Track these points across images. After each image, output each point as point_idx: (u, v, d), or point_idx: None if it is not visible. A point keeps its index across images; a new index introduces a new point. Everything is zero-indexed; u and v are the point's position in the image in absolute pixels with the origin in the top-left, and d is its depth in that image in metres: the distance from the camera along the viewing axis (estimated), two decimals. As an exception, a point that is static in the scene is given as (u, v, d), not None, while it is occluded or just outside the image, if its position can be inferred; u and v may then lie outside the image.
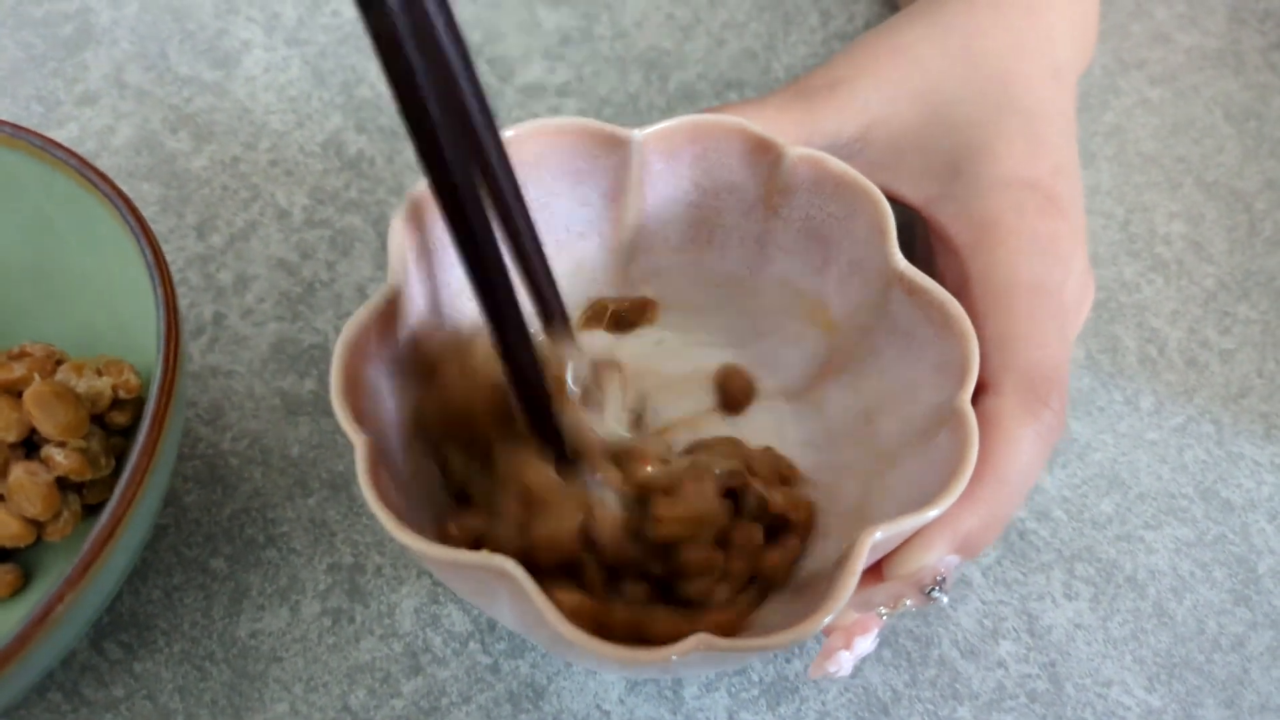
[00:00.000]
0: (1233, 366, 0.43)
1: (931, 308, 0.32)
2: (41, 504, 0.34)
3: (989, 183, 0.35)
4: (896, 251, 0.33)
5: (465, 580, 0.29)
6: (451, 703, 0.36)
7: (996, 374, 0.32)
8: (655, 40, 0.51)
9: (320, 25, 0.51)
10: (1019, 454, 0.31)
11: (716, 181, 0.36)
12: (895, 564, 0.30)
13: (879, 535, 0.28)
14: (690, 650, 0.26)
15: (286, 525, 0.39)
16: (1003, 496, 0.31)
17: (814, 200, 0.34)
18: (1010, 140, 0.35)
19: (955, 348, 0.31)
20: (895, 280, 0.33)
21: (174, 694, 0.36)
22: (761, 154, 0.34)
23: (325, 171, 0.47)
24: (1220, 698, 0.36)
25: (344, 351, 0.30)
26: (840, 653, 0.31)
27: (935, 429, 0.31)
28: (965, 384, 0.30)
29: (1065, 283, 0.34)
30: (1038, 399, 0.31)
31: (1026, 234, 0.34)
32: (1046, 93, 0.37)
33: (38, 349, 0.36)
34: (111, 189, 0.35)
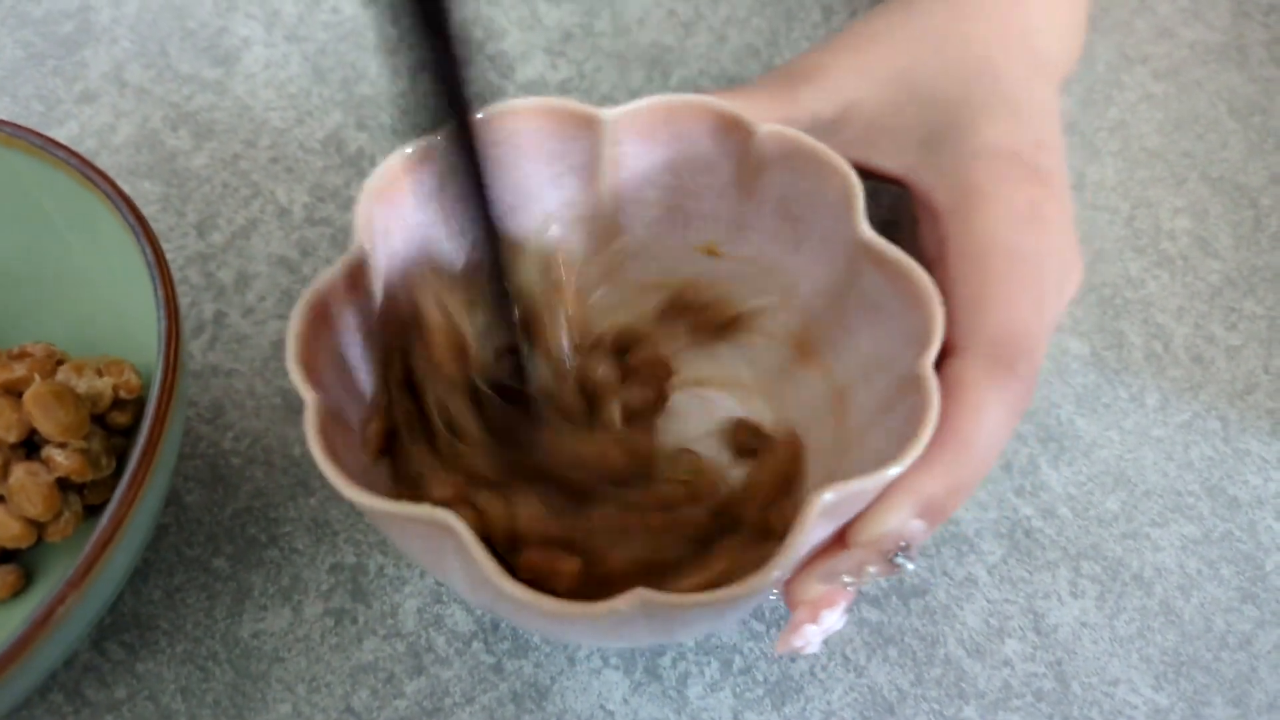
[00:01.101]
0: (1239, 362, 0.43)
1: (899, 277, 0.32)
2: (42, 505, 0.33)
3: (970, 150, 0.35)
4: (863, 222, 0.33)
5: (413, 538, 0.28)
6: (455, 703, 0.36)
7: (964, 337, 0.31)
8: (657, 36, 0.51)
9: (320, 22, 0.51)
10: (983, 417, 0.30)
11: (690, 162, 0.36)
12: (857, 530, 0.29)
13: (829, 496, 0.27)
14: (629, 605, 0.26)
15: (289, 525, 0.38)
16: (966, 459, 0.30)
17: (785, 178, 0.35)
18: (991, 114, 0.36)
19: (920, 315, 0.31)
20: (863, 252, 0.33)
21: (176, 694, 0.36)
22: (731, 131, 0.34)
23: (326, 169, 0.47)
24: (1228, 696, 0.36)
25: (303, 311, 0.30)
26: (806, 627, 0.30)
27: (899, 397, 0.31)
28: (928, 349, 0.30)
29: (1045, 252, 0.33)
30: (1004, 364, 0.31)
31: (1006, 200, 0.34)
32: (1025, 78, 0.37)
33: (38, 349, 0.36)
34: (111, 187, 0.35)
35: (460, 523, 0.26)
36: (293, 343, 0.29)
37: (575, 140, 0.35)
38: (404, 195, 0.33)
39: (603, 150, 0.35)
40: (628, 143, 0.35)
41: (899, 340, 0.32)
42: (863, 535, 0.29)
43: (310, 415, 0.28)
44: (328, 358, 0.31)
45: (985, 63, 0.37)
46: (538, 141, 0.35)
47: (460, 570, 0.28)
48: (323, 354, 0.31)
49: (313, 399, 0.29)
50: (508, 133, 0.34)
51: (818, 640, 0.31)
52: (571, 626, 0.29)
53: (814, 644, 0.31)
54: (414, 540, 0.29)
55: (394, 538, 0.30)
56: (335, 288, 0.31)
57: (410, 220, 0.34)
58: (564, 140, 0.35)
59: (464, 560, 0.27)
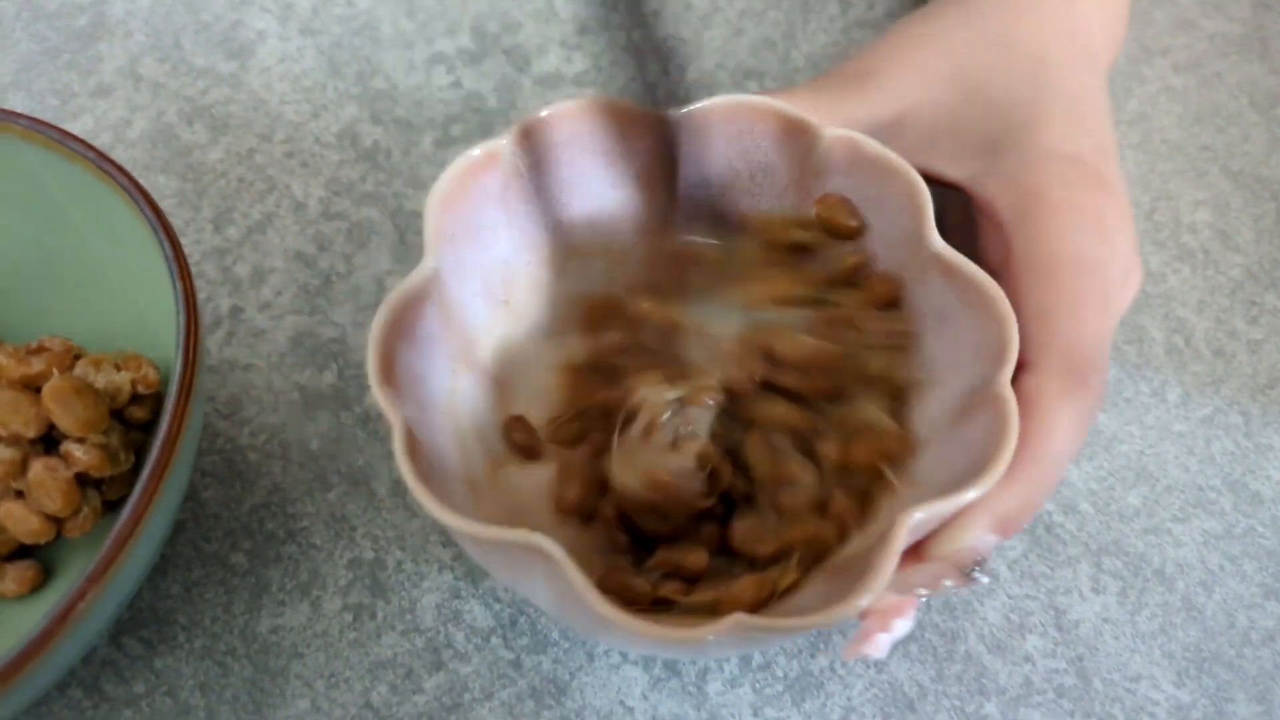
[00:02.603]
0: (1261, 356, 0.43)
1: (969, 289, 0.31)
2: (61, 500, 0.33)
3: (1033, 156, 0.34)
4: (934, 233, 0.32)
5: (501, 559, 0.28)
6: (474, 698, 0.35)
7: (1036, 351, 0.31)
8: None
9: (334, 15, 0.51)
10: (1057, 434, 0.30)
11: (751, 164, 0.35)
12: (935, 545, 0.30)
13: (919, 515, 0.27)
14: (727, 630, 0.26)
15: (306, 520, 0.38)
16: (1040, 476, 0.30)
17: (848, 183, 0.34)
18: (1051, 118, 0.35)
19: (994, 330, 0.30)
20: (932, 262, 0.32)
21: (195, 690, 0.35)
22: (796, 135, 0.34)
23: (341, 163, 0.46)
24: (1251, 693, 0.36)
25: (381, 330, 0.30)
26: (878, 635, 0.30)
27: (971, 411, 0.31)
28: (1004, 366, 0.30)
29: (1110, 260, 0.33)
30: (1077, 378, 0.31)
31: (1072, 208, 0.33)
32: (1083, 78, 0.37)
33: (56, 343, 0.36)
34: (129, 182, 0.35)
35: (556, 546, 0.26)
36: (374, 366, 0.29)
37: (636, 140, 0.35)
38: (469, 198, 0.33)
39: (663, 150, 0.35)
40: (689, 143, 0.35)
41: (968, 351, 0.32)
42: (941, 550, 0.30)
43: (399, 439, 0.28)
44: (404, 372, 0.31)
45: (1042, 62, 0.36)
46: (599, 141, 0.35)
47: (550, 589, 0.28)
48: (400, 371, 0.30)
49: (400, 421, 0.28)
50: (569, 133, 0.34)
51: (887, 646, 0.31)
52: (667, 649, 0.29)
53: (883, 650, 0.31)
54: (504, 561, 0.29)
55: (482, 558, 0.30)
56: (409, 302, 0.31)
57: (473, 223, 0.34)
58: (625, 140, 0.35)
59: (557, 583, 0.27)
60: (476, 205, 0.33)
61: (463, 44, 0.50)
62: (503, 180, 0.34)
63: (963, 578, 0.30)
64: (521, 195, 0.35)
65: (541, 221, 0.36)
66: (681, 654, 0.34)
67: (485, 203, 0.34)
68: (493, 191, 0.34)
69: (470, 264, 0.34)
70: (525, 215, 0.36)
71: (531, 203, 0.35)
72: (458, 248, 0.33)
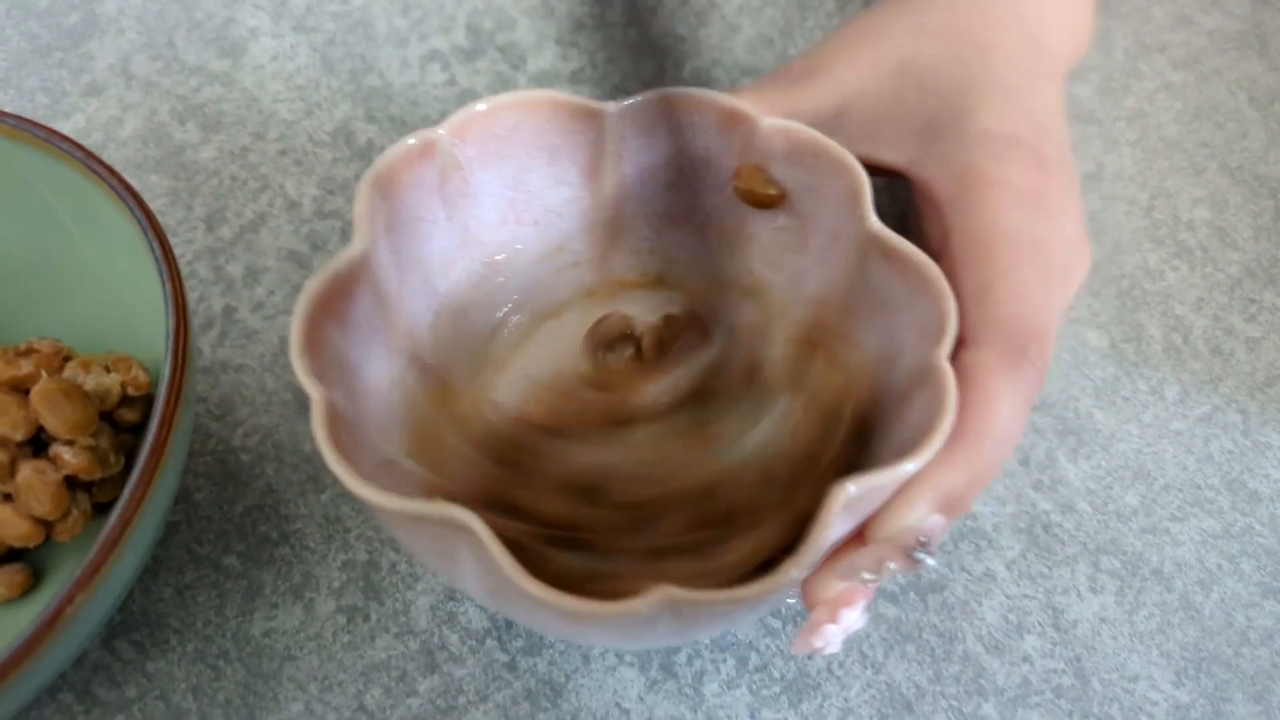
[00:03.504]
0: (1259, 354, 0.42)
1: (908, 270, 0.31)
2: (50, 503, 0.33)
3: (970, 137, 0.35)
4: (871, 215, 0.32)
5: (425, 538, 0.28)
6: (469, 701, 0.35)
7: (974, 327, 0.31)
8: (670, 26, 0.51)
9: (328, 12, 0.50)
10: (999, 407, 0.30)
11: (693, 157, 0.35)
12: (877, 526, 0.29)
13: (852, 489, 0.27)
14: (655, 603, 0.25)
15: (300, 522, 0.38)
16: (984, 451, 0.30)
17: (790, 173, 0.34)
18: (989, 100, 0.35)
19: (933, 308, 0.30)
20: (871, 245, 0.32)
21: (187, 694, 0.35)
22: (735, 125, 0.34)
23: (335, 161, 0.46)
24: (1249, 692, 0.36)
25: (306, 308, 0.29)
26: (826, 627, 0.30)
27: (913, 391, 0.30)
28: (942, 342, 0.29)
29: (1050, 237, 0.33)
30: (1017, 352, 0.31)
31: (1006, 185, 0.33)
32: (1026, 65, 0.37)
33: (45, 345, 0.35)
34: (118, 182, 0.35)
35: (478, 521, 0.26)
36: (297, 339, 0.29)
37: (578, 134, 0.35)
38: (405, 187, 0.33)
39: (606, 145, 0.35)
40: (630, 137, 0.35)
41: (911, 333, 0.32)
42: (883, 531, 0.29)
43: (318, 411, 0.28)
44: (332, 354, 0.30)
45: (984, 51, 0.36)
46: (540, 135, 0.35)
47: (476, 571, 0.28)
48: (327, 350, 0.30)
49: (319, 394, 0.28)
50: (509, 126, 0.34)
51: (838, 640, 0.30)
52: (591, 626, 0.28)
53: (834, 644, 0.30)
54: (425, 540, 0.28)
55: (403, 537, 0.30)
56: (337, 283, 0.31)
57: (411, 214, 0.33)
58: (567, 134, 0.35)
59: (481, 560, 0.26)
60: (413, 195, 0.33)
61: (457, 41, 0.50)
62: (441, 172, 0.34)
63: (907, 560, 0.29)
64: (462, 189, 0.35)
65: (484, 216, 0.36)
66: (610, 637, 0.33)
67: (423, 194, 0.34)
68: (430, 183, 0.34)
69: (410, 257, 0.34)
70: (467, 209, 0.35)
71: (473, 197, 0.35)
72: (396, 238, 0.33)
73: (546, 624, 0.29)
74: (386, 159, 0.32)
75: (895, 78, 0.37)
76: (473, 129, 0.34)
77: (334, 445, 0.27)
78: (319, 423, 0.28)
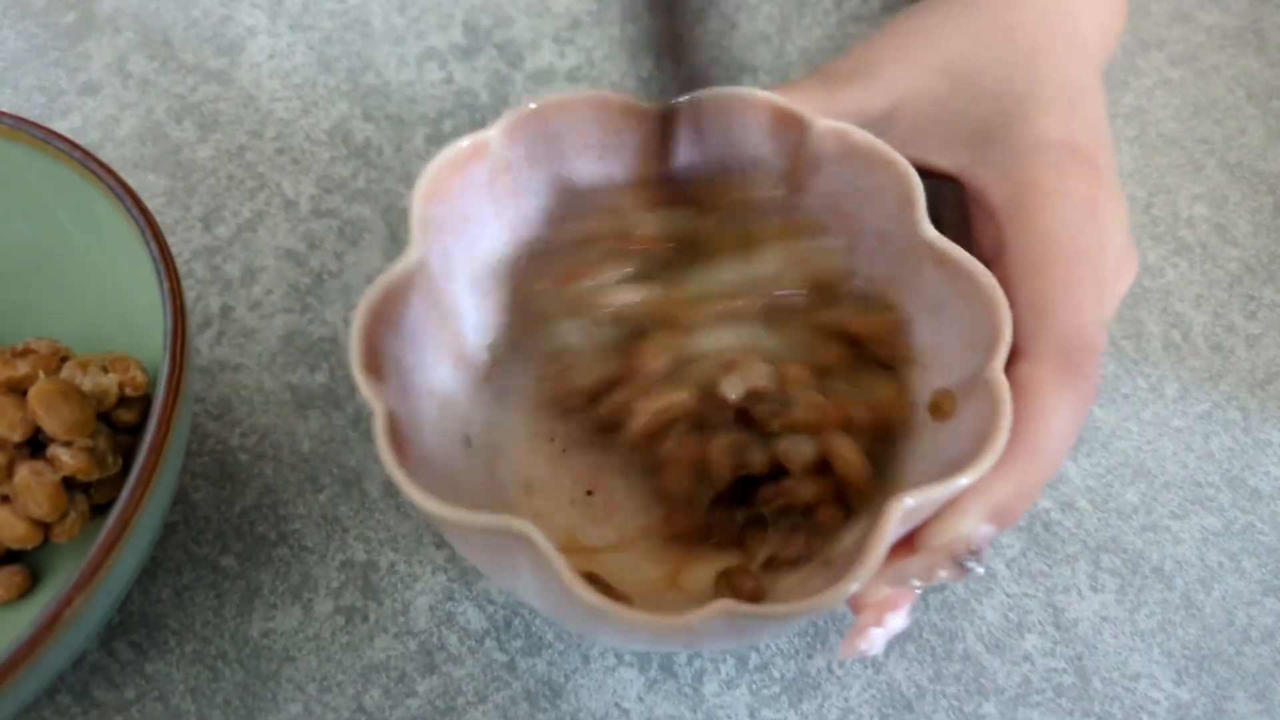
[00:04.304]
0: (1259, 351, 0.42)
1: (961, 278, 0.31)
2: (48, 505, 0.33)
3: (1026, 144, 0.34)
4: (925, 221, 0.32)
5: (484, 549, 0.28)
6: (468, 701, 0.35)
7: (1031, 340, 0.31)
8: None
9: (325, 11, 0.50)
10: (1053, 422, 0.30)
11: (742, 157, 0.35)
12: (929, 535, 0.29)
13: (910, 502, 0.27)
14: (713, 615, 0.26)
15: (298, 522, 0.38)
16: (1036, 465, 0.30)
17: (839, 174, 0.34)
18: (1045, 107, 0.35)
19: (987, 318, 0.30)
20: (924, 252, 0.32)
21: (186, 695, 0.35)
22: (787, 127, 0.34)
23: (332, 160, 0.46)
24: (1251, 690, 0.36)
25: (365, 316, 0.29)
26: (872, 630, 0.30)
27: (965, 400, 0.30)
28: (997, 353, 0.29)
29: (1104, 248, 0.33)
30: (1073, 366, 0.31)
31: (1065, 196, 0.33)
32: (1077, 69, 0.36)
33: (42, 345, 0.35)
34: (115, 181, 0.34)
35: (538, 533, 0.26)
36: (356, 352, 0.29)
37: (626, 133, 0.34)
38: (457, 189, 0.33)
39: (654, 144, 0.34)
40: (680, 135, 0.34)
41: (962, 341, 0.31)
42: (935, 540, 0.29)
43: (380, 426, 0.28)
44: (389, 362, 0.30)
45: (1034, 52, 0.36)
46: (587, 134, 0.34)
47: (535, 579, 0.28)
48: (385, 360, 0.30)
49: (382, 409, 0.28)
50: (558, 125, 0.34)
51: (882, 643, 0.30)
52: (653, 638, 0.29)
53: (879, 646, 0.30)
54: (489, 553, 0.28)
55: (467, 551, 0.30)
56: (393, 291, 0.30)
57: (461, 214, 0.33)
58: (615, 133, 0.34)
59: (540, 569, 0.26)
60: (463, 197, 0.33)
61: (455, 39, 0.50)
62: (490, 173, 0.34)
63: (957, 568, 0.29)
64: (511, 188, 0.35)
65: (532, 215, 0.36)
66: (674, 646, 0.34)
67: (472, 195, 0.34)
68: (480, 184, 0.34)
69: (458, 257, 0.34)
70: (514, 208, 0.35)
71: (521, 196, 0.35)
72: (444, 240, 0.33)
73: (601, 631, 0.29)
74: (439, 162, 0.32)
75: (945, 80, 0.36)
76: (522, 129, 0.34)
77: (398, 460, 0.27)
78: (383, 437, 0.27)
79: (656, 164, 0.35)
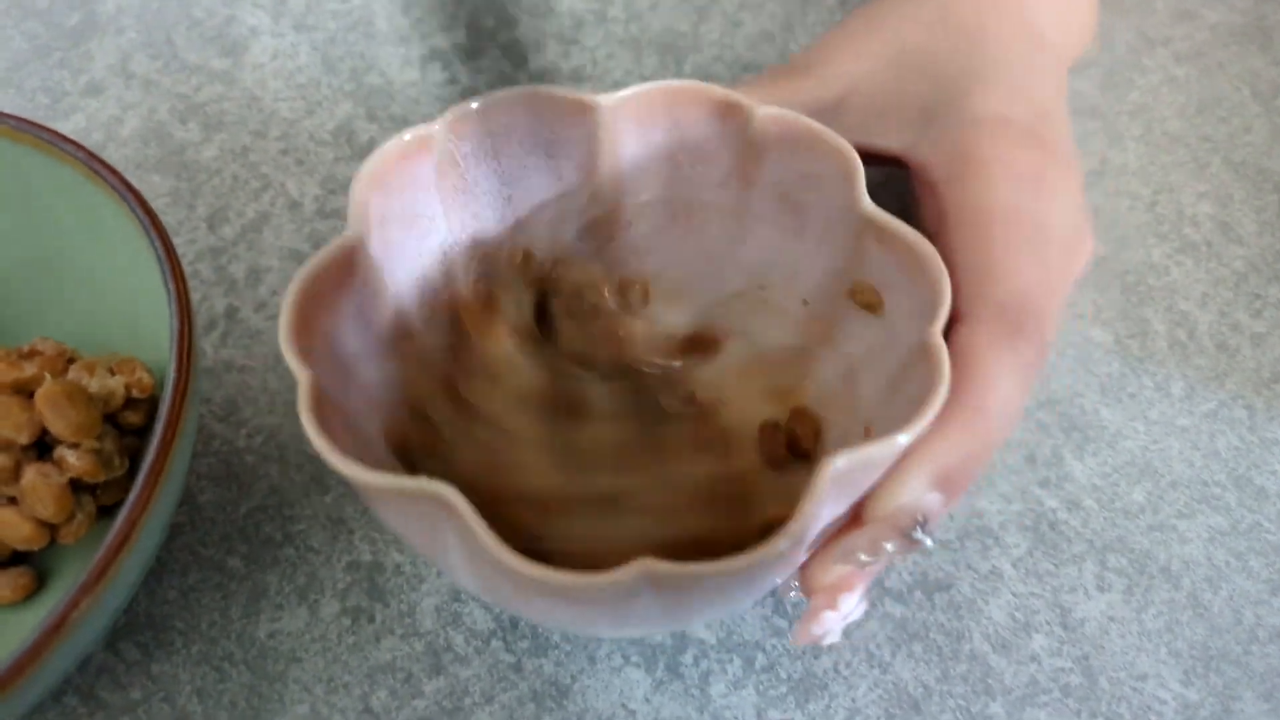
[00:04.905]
0: (1265, 350, 0.42)
1: (903, 249, 0.31)
2: (54, 506, 0.33)
3: (966, 118, 0.35)
4: (864, 197, 0.32)
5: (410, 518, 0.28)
6: (474, 702, 0.35)
7: (970, 304, 0.31)
8: (670, 23, 0.50)
9: (329, 11, 0.50)
10: (995, 382, 0.30)
11: (690, 152, 0.35)
12: (872, 504, 0.29)
13: (840, 463, 0.26)
14: (634, 575, 0.25)
15: (304, 523, 0.38)
16: (981, 428, 0.29)
17: (785, 161, 0.34)
18: (985, 85, 0.35)
19: (928, 287, 0.30)
20: (866, 228, 0.32)
21: (192, 696, 0.35)
22: (730, 116, 0.34)
23: (337, 160, 0.46)
24: (1259, 690, 0.36)
25: (296, 292, 0.29)
26: (825, 613, 0.29)
27: (908, 370, 0.30)
28: (936, 318, 0.29)
29: (1048, 215, 0.33)
30: (1014, 328, 0.30)
31: (1001, 163, 0.33)
32: (1023, 51, 0.37)
33: (48, 347, 0.35)
34: (120, 182, 0.34)
35: (458, 495, 0.25)
36: (286, 322, 0.29)
37: (572, 129, 0.34)
38: (401, 182, 0.33)
39: (600, 139, 0.34)
40: (625, 130, 0.35)
41: (907, 315, 0.31)
42: (879, 508, 0.28)
43: (304, 392, 0.27)
44: (323, 343, 0.30)
45: (980, 36, 0.37)
46: (533, 131, 0.34)
47: (460, 549, 0.27)
48: (318, 338, 0.30)
49: (307, 377, 0.28)
50: (504, 123, 0.34)
51: (838, 628, 0.30)
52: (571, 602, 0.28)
53: (834, 633, 0.30)
54: (411, 520, 0.28)
55: (391, 520, 0.29)
56: (329, 271, 0.30)
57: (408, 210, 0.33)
58: (560, 129, 0.34)
59: (463, 536, 0.26)
60: (409, 191, 0.33)
61: (458, 40, 0.50)
62: (437, 168, 0.34)
63: (905, 540, 0.28)
64: (458, 185, 0.35)
65: (482, 214, 0.36)
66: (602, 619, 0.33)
67: (419, 189, 0.33)
68: (426, 179, 0.33)
69: (407, 251, 0.34)
70: (463, 207, 0.35)
71: (469, 194, 0.35)
72: (389, 232, 0.33)
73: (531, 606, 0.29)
74: (382, 152, 0.32)
75: (893, 66, 0.37)
76: (468, 124, 0.34)
77: (319, 424, 0.27)
78: (304, 402, 0.27)
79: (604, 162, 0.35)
